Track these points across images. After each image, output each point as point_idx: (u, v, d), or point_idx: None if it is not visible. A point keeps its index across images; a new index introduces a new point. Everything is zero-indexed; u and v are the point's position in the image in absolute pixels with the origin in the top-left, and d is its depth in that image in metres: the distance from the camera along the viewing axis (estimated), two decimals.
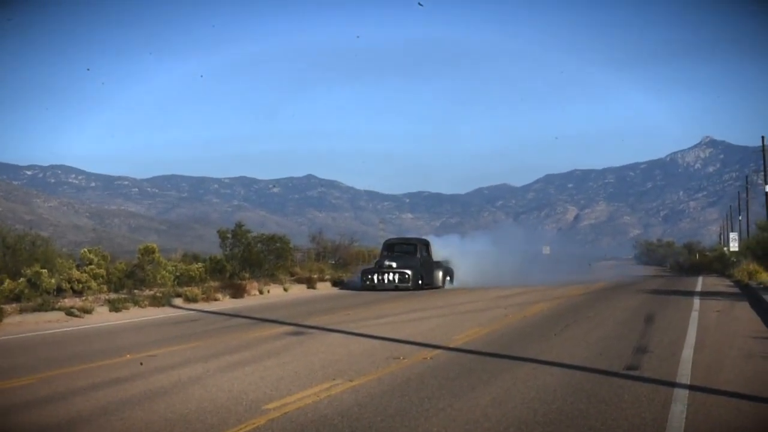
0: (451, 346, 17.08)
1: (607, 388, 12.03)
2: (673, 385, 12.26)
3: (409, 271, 41.53)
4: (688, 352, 15.83)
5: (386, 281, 41.31)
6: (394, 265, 42.00)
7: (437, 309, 27.49)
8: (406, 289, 40.62)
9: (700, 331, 19.58)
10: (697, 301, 29.50)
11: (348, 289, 43.21)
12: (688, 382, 12.47)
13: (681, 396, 11.36)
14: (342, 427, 9.59)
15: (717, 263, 73.92)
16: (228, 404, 11.02)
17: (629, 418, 9.99)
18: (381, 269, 42.01)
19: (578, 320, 22.67)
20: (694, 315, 23.91)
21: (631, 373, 13.43)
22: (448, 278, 45.71)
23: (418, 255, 43.93)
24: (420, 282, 41.94)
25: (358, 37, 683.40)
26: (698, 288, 40.19)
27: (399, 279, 41.31)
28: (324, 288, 43.79)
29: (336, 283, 46.28)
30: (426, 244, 46.10)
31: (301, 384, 12.51)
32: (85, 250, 35.43)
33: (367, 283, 41.69)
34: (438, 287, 43.84)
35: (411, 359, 15.10)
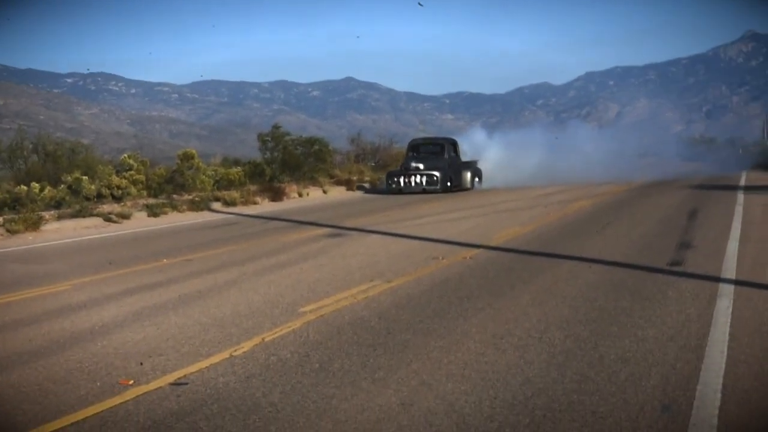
0: (491, 245, 16.82)
1: (651, 284, 11.75)
2: (718, 280, 11.97)
3: (437, 173, 39.10)
4: (733, 247, 15.47)
5: (413, 184, 39.00)
6: (421, 166, 39.55)
7: (476, 209, 27.22)
8: (435, 191, 38.40)
9: (744, 226, 19.17)
10: (741, 196, 28.93)
11: (373, 193, 41.76)
12: (734, 277, 12.16)
13: (726, 291, 11.07)
14: (379, 329, 9.38)
15: (761, 157, 72.79)
16: (263, 307, 10.86)
17: (674, 315, 9.72)
18: (407, 171, 39.59)
19: (620, 217, 22.36)
20: (738, 209, 23.41)
21: (675, 269, 13.12)
22: (476, 179, 43.17)
23: (446, 155, 41.37)
24: (449, 184, 39.59)
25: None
26: (742, 183, 39.47)
27: (427, 181, 38.96)
28: (349, 192, 42.42)
29: (360, 187, 44.61)
30: (453, 144, 43.53)
31: (338, 286, 12.32)
32: (125, 156, 35.50)
33: (393, 186, 39.54)
34: (467, 189, 41.53)
35: (450, 259, 14.89)
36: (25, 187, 29.35)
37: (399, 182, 39.43)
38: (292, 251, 16.98)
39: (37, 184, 29.81)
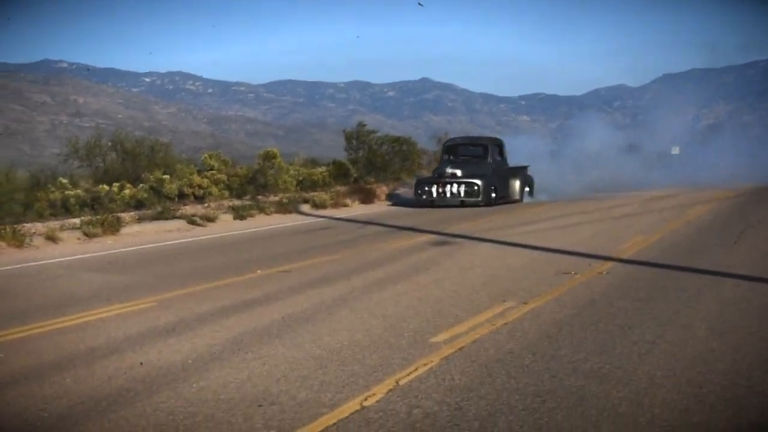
0: (623, 257, 14.91)
1: None
2: None
3: (478, 182, 31.76)
4: None
5: (448, 194, 31.89)
6: (458, 173, 32.33)
7: (585, 214, 25.13)
8: (476, 204, 31.34)
9: None
10: None
11: (401, 205, 33.83)
12: None
13: None
14: (538, 370, 7.53)
15: None
16: (386, 336, 9.06)
17: None
18: (442, 179, 32.36)
19: (751, 225, 20.22)
20: None
21: None
22: (527, 189, 35.70)
23: (489, 159, 33.83)
24: (493, 195, 32.33)
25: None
26: None
27: (466, 191, 31.73)
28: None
29: (392, 196, 36.96)
30: (499, 145, 35.53)
31: (466, 307, 10.49)
32: (206, 155, 34.19)
33: (424, 197, 32.33)
34: (515, 201, 34.35)
35: (584, 274, 13.00)
36: (106, 187, 28.05)
37: (431, 192, 32.31)
38: (399, 262, 15.20)
39: (116, 184, 28.53)
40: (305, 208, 28.90)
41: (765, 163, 48.24)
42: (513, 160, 35.95)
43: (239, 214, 25.53)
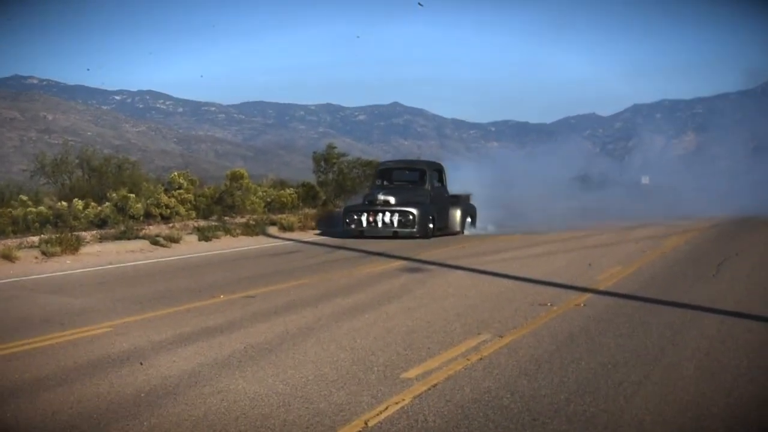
0: (600, 288, 14.45)
1: None
2: None
3: (414, 210, 28.08)
4: None
5: (380, 224, 28.20)
6: (391, 200, 28.61)
7: (560, 243, 24.67)
8: (411, 236, 27.71)
9: None
10: None
11: (329, 235, 29.11)
12: None
13: None
14: (518, 412, 7.00)
15: None
16: (354, 370, 8.49)
17: None
18: (373, 207, 28.63)
19: (729, 258, 19.76)
20: None
21: None
22: (468, 220, 31.74)
23: (427, 186, 30.19)
24: (431, 225, 28.67)
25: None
26: None
27: (399, 221, 28.06)
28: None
29: (320, 224, 31.82)
30: (438, 170, 31.80)
31: (439, 340, 9.96)
32: (175, 173, 33.52)
33: (352, 226, 28.42)
34: (456, 232, 30.54)
35: (561, 306, 12.51)
36: (65, 204, 27.39)
37: (360, 221, 28.44)
38: (370, 289, 14.63)
39: (80, 201, 27.86)
40: (273, 230, 28.11)
41: (736, 196, 47.76)
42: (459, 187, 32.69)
43: (204, 235, 24.81)
